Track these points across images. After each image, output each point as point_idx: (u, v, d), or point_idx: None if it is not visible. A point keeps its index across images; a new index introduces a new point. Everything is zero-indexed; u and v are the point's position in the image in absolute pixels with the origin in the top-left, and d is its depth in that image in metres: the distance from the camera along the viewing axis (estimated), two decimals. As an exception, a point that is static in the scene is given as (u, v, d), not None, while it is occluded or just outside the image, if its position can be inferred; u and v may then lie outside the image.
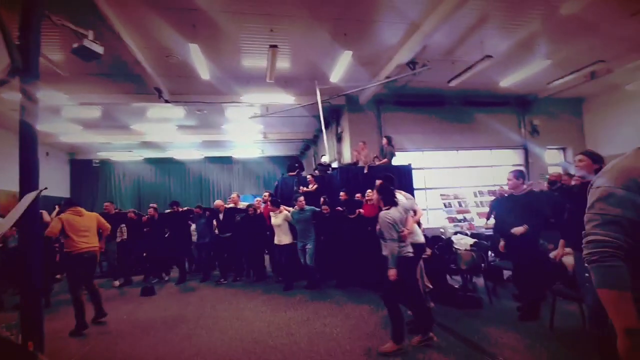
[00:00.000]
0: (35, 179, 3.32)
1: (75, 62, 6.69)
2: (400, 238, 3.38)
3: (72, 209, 4.64)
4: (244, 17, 5.58)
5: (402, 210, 3.50)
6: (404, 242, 3.43)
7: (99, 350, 3.86)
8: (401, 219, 3.43)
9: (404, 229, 3.42)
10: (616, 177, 1.27)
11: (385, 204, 3.51)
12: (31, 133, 3.35)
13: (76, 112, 9.72)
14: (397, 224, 3.37)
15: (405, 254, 3.45)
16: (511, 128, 10.17)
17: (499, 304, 4.85)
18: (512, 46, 6.95)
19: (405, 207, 3.59)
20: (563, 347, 3.38)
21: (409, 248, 3.50)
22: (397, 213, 3.41)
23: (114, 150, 14.29)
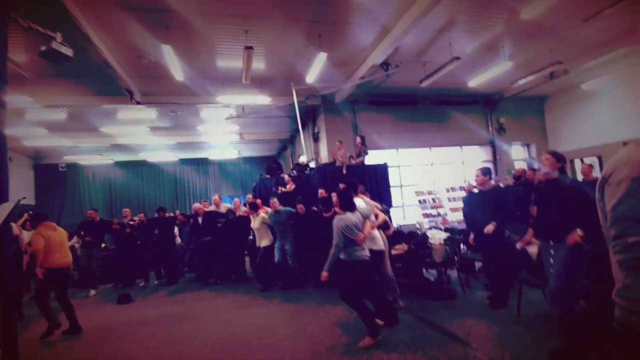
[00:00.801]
0: (5, 187, 3.21)
1: (40, 64, 6.43)
2: (355, 242, 3.48)
3: (45, 224, 4.55)
4: (218, 18, 5.56)
5: (359, 215, 3.61)
6: (359, 246, 3.51)
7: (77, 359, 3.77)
8: (356, 223, 3.52)
9: (359, 233, 3.50)
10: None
11: (342, 208, 3.59)
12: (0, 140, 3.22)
13: (41, 115, 9.28)
14: (351, 229, 3.46)
15: (362, 257, 3.53)
16: (480, 126, 10.64)
17: (471, 294, 5.11)
18: (478, 48, 7.30)
19: (364, 213, 3.70)
20: (530, 332, 3.63)
21: (365, 252, 3.57)
22: (352, 218, 3.51)
23: (82, 154, 13.70)
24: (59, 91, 8.06)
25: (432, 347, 3.45)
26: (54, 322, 4.47)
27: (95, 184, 15.50)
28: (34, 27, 3.96)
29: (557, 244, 3.12)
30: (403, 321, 4.21)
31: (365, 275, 3.60)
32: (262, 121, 10.95)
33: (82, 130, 11.05)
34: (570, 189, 3.12)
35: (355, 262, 3.52)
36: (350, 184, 4.12)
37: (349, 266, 3.55)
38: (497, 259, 4.59)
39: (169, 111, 9.70)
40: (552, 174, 3.22)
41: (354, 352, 3.45)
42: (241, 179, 16.77)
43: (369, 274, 3.65)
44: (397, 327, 3.93)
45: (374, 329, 3.55)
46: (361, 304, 3.56)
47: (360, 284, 3.57)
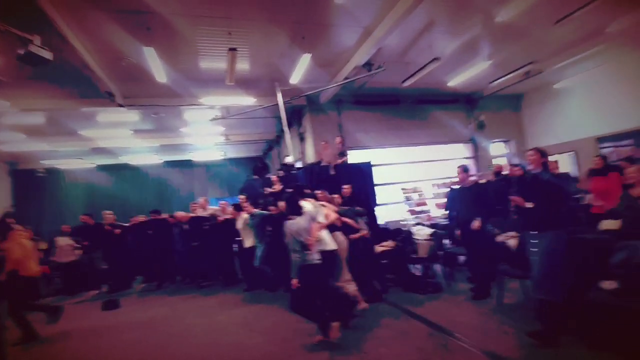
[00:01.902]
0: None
1: (17, 67, 6.24)
2: (305, 247, 3.47)
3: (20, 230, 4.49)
4: (201, 20, 5.54)
5: (307, 218, 3.59)
6: (309, 250, 3.50)
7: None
8: (305, 227, 3.52)
9: (308, 238, 3.48)
10: None
11: (290, 213, 3.61)
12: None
13: (18, 119, 8.98)
14: (301, 233, 3.47)
15: (312, 261, 3.52)
16: (461, 124, 10.92)
17: (455, 287, 5.30)
18: (457, 49, 7.50)
19: (311, 215, 3.68)
20: (510, 319, 3.82)
21: (314, 255, 3.56)
22: (301, 222, 3.51)
23: (61, 158, 13.30)
24: (36, 95, 7.83)
25: (420, 338, 3.58)
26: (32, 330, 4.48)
27: (76, 189, 15.07)
28: (10, 30, 3.86)
29: (539, 233, 3.31)
30: (392, 314, 4.35)
31: (315, 279, 3.52)
32: (248, 122, 10.91)
33: (61, 134, 10.74)
34: (551, 183, 3.32)
35: (306, 267, 3.49)
36: (296, 188, 4.09)
37: (299, 271, 3.53)
38: (479, 251, 4.78)
39: (152, 113, 9.55)
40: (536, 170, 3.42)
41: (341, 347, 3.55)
42: (227, 181, 16.62)
43: (319, 277, 3.58)
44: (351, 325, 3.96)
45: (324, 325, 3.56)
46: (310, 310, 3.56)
47: (311, 289, 3.52)
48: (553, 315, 3.19)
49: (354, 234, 4.68)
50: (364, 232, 4.82)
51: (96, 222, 7.86)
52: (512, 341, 3.33)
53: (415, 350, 3.33)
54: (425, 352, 3.28)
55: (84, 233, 7.66)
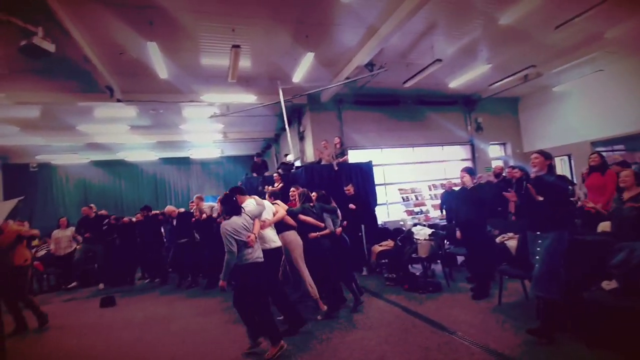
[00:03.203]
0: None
1: (13, 59, 6.16)
2: (246, 244, 3.40)
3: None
4: (205, 16, 5.50)
5: (247, 217, 3.54)
6: (251, 248, 3.43)
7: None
8: (245, 225, 3.46)
9: (249, 234, 3.43)
10: None
11: (226, 214, 3.54)
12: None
13: (11, 112, 8.84)
14: (239, 232, 3.38)
15: (254, 260, 3.44)
16: (459, 126, 11.02)
17: (455, 286, 5.34)
18: (458, 51, 7.57)
19: (252, 213, 3.64)
20: (509, 318, 3.87)
21: (256, 254, 3.48)
22: (238, 221, 3.43)
23: (55, 153, 13.10)
24: (32, 87, 7.72)
25: (422, 337, 3.60)
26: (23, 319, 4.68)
27: (69, 185, 14.88)
28: (13, 20, 3.80)
29: (543, 233, 3.36)
30: (392, 314, 4.37)
31: (257, 279, 3.45)
32: (247, 120, 10.88)
33: (57, 128, 10.60)
34: (556, 185, 3.37)
35: (246, 266, 3.41)
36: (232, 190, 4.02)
37: (240, 271, 3.44)
38: (479, 251, 4.83)
39: (150, 109, 9.47)
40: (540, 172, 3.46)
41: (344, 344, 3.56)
42: (224, 179, 16.55)
43: (261, 276, 3.50)
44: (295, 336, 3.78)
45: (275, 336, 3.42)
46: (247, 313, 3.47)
47: (252, 288, 3.43)
48: (552, 313, 3.25)
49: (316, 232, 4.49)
50: (326, 231, 4.55)
51: (97, 214, 8.01)
52: (513, 338, 3.37)
53: (418, 348, 3.35)
54: (428, 349, 3.31)
55: (85, 225, 7.71)
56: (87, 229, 7.67)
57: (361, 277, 6.40)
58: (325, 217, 4.71)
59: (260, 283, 3.47)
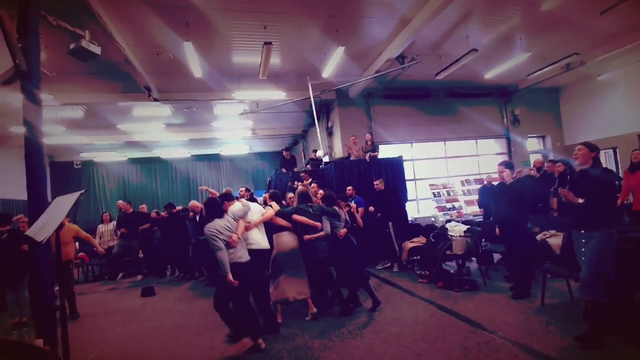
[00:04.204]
0: (43, 185, 3.34)
1: (61, 62, 6.56)
2: (229, 244, 3.44)
3: None
4: (238, 14, 5.60)
5: (230, 219, 3.62)
6: (233, 248, 3.47)
7: (111, 351, 3.90)
8: (227, 226, 3.51)
9: (230, 234, 3.47)
10: None
11: (208, 217, 3.60)
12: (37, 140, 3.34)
13: (58, 113, 9.43)
14: (222, 232, 3.44)
15: (235, 260, 3.45)
16: (494, 118, 10.57)
17: (492, 285, 5.14)
18: (495, 40, 7.25)
19: (236, 215, 3.71)
20: (555, 319, 3.67)
21: (239, 253, 3.51)
22: (220, 223, 3.49)
23: (96, 151, 13.89)
24: (77, 88, 8.20)
25: (460, 336, 3.50)
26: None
27: (109, 181, 15.74)
28: (62, 25, 4.02)
29: (588, 232, 3.15)
30: (427, 312, 4.28)
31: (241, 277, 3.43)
32: (276, 116, 11.01)
33: (99, 127, 11.22)
34: (601, 179, 3.14)
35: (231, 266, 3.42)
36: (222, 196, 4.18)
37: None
38: (519, 249, 4.62)
39: (184, 108, 9.79)
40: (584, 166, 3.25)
41: (380, 339, 3.53)
42: (252, 174, 16.89)
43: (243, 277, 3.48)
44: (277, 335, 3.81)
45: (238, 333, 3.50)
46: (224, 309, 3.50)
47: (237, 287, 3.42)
48: (600, 316, 3.05)
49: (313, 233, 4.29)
50: (320, 233, 4.28)
51: (134, 210, 8.36)
52: (559, 341, 3.20)
53: (457, 347, 3.27)
54: (467, 349, 3.21)
55: (123, 221, 8.06)
56: (124, 224, 8.01)
57: (392, 273, 6.34)
58: (324, 219, 4.36)
59: (241, 282, 3.44)
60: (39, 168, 3.36)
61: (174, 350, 3.69)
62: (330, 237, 4.31)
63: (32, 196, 3.27)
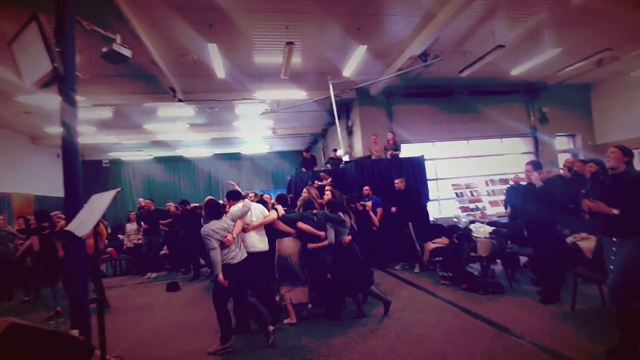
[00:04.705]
0: (78, 182, 3.50)
1: (92, 65, 6.83)
2: (223, 244, 3.50)
3: None
4: (260, 14, 5.67)
5: (227, 220, 3.69)
6: (228, 248, 3.53)
7: (140, 343, 4.04)
8: (225, 227, 3.58)
9: (226, 235, 3.52)
10: None
11: (207, 217, 3.68)
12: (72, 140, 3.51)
13: (89, 114, 9.84)
14: (218, 233, 3.50)
15: (228, 261, 3.52)
16: (520, 116, 10.23)
17: (518, 288, 4.99)
18: (522, 35, 7.01)
19: (235, 215, 3.77)
20: (586, 326, 3.53)
21: (231, 254, 3.55)
22: (217, 224, 3.56)
23: (123, 150, 14.42)
24: (107, 90, 8.52)
25: (485, 339, 3.42)
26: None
27: (135, 179, 16.30)
28: (95, 29, 4.19)
29: (620, 240, 3.01)
30: (451, 314, 4.21)
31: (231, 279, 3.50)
32: (296, 116, 11.08)
33: (126, 127, 11.63)
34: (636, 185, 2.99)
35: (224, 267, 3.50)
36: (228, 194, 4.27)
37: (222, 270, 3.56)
38: (548, 252, 4.46)
39: (207, 108, 10.00)
40: (618, 169, 3.11)
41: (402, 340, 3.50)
42: (272, 173, 17.09)
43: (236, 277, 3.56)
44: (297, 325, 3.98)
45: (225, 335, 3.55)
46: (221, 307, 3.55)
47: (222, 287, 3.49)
48: (631, 325, 2.91)
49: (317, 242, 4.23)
50: (323, 242, 4.20)
51: (156, 208, 8.57)
52: (591, 347, 3.08)
53: (482, 350, 3.19)
54: (492, 352, 3.14)
55: (144, 218, 8.28)
56: (146, 221, 8.20)
57: (412, 274, 6.27)
58: (329, 228, 4.26)
59: (234, 283, 3.52)
60: (74, 166, 3.53)
61: (198, 344, 3.79)
62: (334, 245, 4.26)
63: (68, 193, 3.45)
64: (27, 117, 9.57)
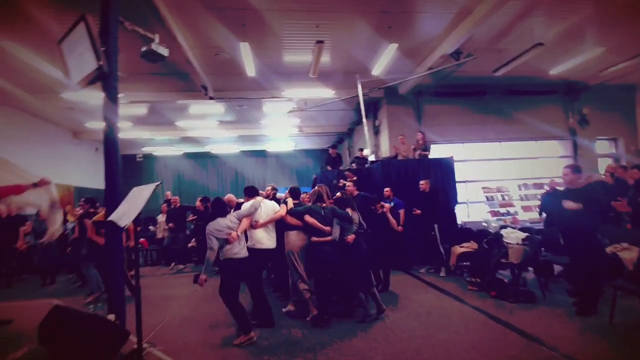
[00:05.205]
0: (118, 175, 3.69)
1: (130, 63, 7.15)
2: (227, 241, 3.59)
3: None
4: (292, 13, 5.72)
5: (233, 217, 3.77)
6: (230, 245, 3.61)
7: (169, 330, 4.21)
8: (229, 225, 3.67)
9: (230, 232, 3.60)
10: None
11: (213, 215, 3.79)
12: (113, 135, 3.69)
13: (126, 110, 10.31)
14: (221, 232, 3.60)
15: (231, 256, 3.61)
16: (557, 118, 9.74)
17: (552, 298, 4.77)
18: (563, 33, 6.66)
19: (240, 214, 3.86)
20: (625, 340, 3.33)
21: (235, 250, 3.62)
22: (222, 222, 3.65)
23: (156, 145, 15.03)
24: (143, 88, 8.91)
25: (516, 349, 3.30)
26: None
27: (166, 174, 16.95)
28: (136, 29, 4.38)
29: None
30: (479, 321, 4.09)
31: (232, 273, 3.64)
32: (322, 114, 11.11)
33: (159, 123, 12.11)
34: None
35: (224, 261, 3.64)
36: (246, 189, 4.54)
37: (219, 265, 3.71)
38: (587, 261, 4.23)
39: (236, 105, 10.23)
40: None
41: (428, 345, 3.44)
42: (297, 171, 17.23)
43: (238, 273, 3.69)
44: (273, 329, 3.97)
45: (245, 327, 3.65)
46: (232, 301, 3.65)
47: (227, 282, 3.64)
48: None
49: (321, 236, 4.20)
50: (327, 238, 4.18)
51: (181, 205, 8.76)
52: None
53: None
54: (523, 363, 3.02)
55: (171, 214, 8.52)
56: (172, 218, 8.43)
57: (438, 277, 6.13)
58: (335, 223, 4.23)
59: (235, 278, 3.67)
60: (114, 160, 3.71)
61: (225, 334, 3.90)
62: (338, 242, 4.22)
63: (109, 185, 3.64)
64: (70, 113, 10.18)
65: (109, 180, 3.69)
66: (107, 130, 3.66)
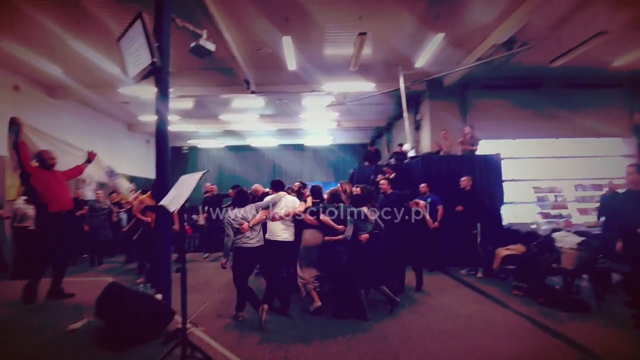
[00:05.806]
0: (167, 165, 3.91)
1: (179, 59, 7.51)
2: (239, 230, 3.83)
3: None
4: (335, 5, 5.66)
5: (251, 208, 4.02)
6: (242, 234, 3.84)
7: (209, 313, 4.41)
8: (244, 216, 3.91)
9: (243, 222, 3.84)
10: None
11: (233, 205, 4.11)
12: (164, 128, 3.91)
13: (174, 104, 10.87)
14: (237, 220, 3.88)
15: (241, 245, 3.85)
16: (620, 114, 8.83)
17: (608, 309, 4.38)
18: (630, 19, 5.97)
19: (259, 206, 4.10)
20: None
21: (245, 239, 3.86)
22: (239, 212, 3.93)
23: (200, 138, 15.75)
24: (190, 83, 9.32)
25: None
26: None
27: (209, 165, 17.72)
28: (186, 26, 4.58)
29: None
30: (524, 328, 3.86)
31: (241, 260, 3.90)
32: (361, 108, 10.96)
33: (204, 117, 12.65)
34: None
35: (236, 249, 3.90)
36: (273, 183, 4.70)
37: (235, 252, 3.95)
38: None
39: (276, 99, 10.39)
40: None
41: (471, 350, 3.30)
42: (334, 165, 17.24)
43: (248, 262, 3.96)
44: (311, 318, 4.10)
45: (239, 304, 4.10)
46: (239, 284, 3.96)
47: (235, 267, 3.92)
48: None
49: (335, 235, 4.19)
50: (338, 237, 4.15)
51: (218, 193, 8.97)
52: None
53: (562, 373, 2.88)
54: (575, 377, 2.81)
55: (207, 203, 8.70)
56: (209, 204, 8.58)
57: (478, 280, 5.87)
58: (349, 223, 4.18)
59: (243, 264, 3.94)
60: (165, 151, 3.94)
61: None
62: (351, 241, 4.17)
63: (159, 175, 3.87)
64: (125, 106, 10.94)
65: (159, 170, 3.93)
66: (159, 122, 3.88)
